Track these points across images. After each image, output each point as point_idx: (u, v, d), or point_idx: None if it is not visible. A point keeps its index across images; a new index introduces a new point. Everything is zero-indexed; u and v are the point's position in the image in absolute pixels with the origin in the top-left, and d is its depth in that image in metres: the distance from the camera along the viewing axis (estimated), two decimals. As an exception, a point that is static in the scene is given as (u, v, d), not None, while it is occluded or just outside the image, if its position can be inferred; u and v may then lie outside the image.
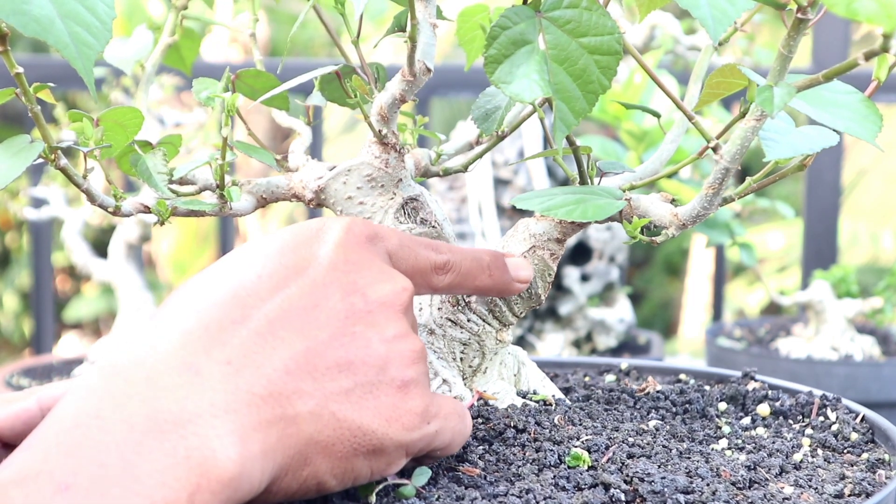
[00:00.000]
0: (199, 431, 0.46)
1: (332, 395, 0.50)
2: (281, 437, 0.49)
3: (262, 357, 0.50)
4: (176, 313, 0.51)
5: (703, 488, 0.56)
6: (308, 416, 0.50)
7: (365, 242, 0.55)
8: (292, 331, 0.51)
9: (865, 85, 0.61)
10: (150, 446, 0.45)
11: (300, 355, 0.50)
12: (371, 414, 0.51)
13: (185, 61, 0.85)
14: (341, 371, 0.51)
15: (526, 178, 1.58)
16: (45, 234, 2.16)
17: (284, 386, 0.49)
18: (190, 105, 1.97)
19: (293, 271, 0.53)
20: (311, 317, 0.51)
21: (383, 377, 0.52)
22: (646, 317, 4.13)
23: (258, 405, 0.48)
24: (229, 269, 0.53)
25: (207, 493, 0.45)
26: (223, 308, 0.51)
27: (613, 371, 0.84)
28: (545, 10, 0.60)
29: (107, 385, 0.47)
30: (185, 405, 0.47)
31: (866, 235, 3.89)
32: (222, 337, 0.50)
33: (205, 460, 0.45)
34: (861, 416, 0.70)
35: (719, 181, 0.62)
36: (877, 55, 0.49)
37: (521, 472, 0.59)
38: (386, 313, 0.53)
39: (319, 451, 0.50)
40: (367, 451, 0.51)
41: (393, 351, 0.53)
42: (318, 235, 0.55)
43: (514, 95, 0.59)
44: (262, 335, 0.50)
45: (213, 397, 0.47)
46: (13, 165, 0.60)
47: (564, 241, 0.70)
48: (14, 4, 0.52)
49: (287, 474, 0.50)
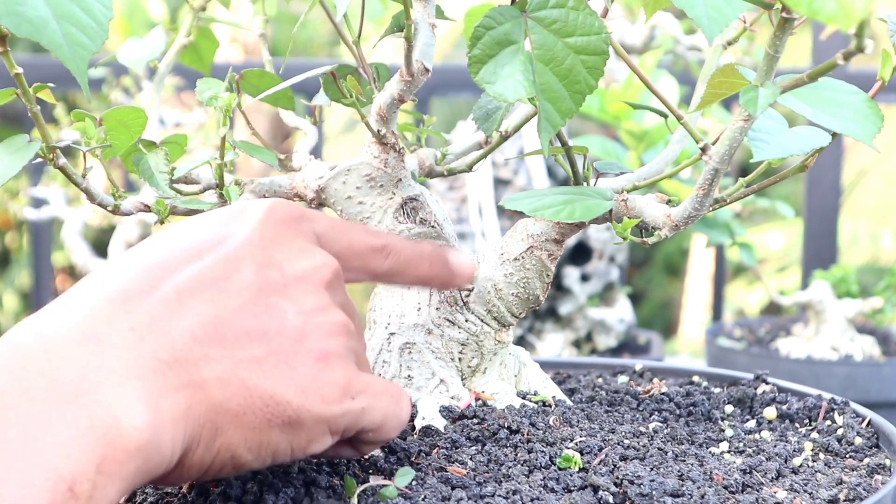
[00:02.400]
0: (101, 400, 0.45)
1: (242, 363, 0.49)
2: (190, 405, 0.47)
3: (167, 324, 0.48)
4: (84, 290, 0.50)
5: (692, 491, 0.56)
6: (216, 381, 0.48)
7: (288, 221, 0.54)
8: (201, 300, 0.50)
9: (868, 85, 0.61)
10: (52, 418, 0.44)
11: (208, 322, 0.49)
12: (285, 384, 0.50)
13: (204, 61, 0.85)
14: (252, 340, 0.50)
15: (526, 178, 1.57)
16: (45, 234, 2.16)
17: (191, 352, 0.48)
18: (190, 105, 1.97)
19: (208, 245, 0.52)
20: (221, 287, 0.50)
21: (299, 348, 0.51)
22: (646, 317, 4.12)
23: (164, 371, 0.47)
24: (146, 248, 0.52)
25: (115, 463, 0.44)
26: (131, 280, 0.50)
27: (627, 372, 0.83)
28: (531, 10, 0.60)
29: (7, 362, 0.46)
30: (87, 374, 0.45)
31: (866, 235, 3.89)
32: (126, 306, 0.48)
33: (110, 429, 0.44)
34: (868, 420, 0.70)
35: (709, 182, 0.62)
36: (853, 55, 0.49)
37: (511, 472, 0.59)
38: (304, 286, 0.52)
39: (230, 421, 0.49)
40: (282, 423, 0.50)
41: (311, 323, 0.51)
42: (240, 214, 0.54)
43: (497, 95, 0.59)
44: (168, 303, 0.49)
45: (115, 364, 0.46)
46: (11, 164, 0.60)
47: (563, 242, 0.70)
48: (8, 6, 0.52)
49: (199, 445, 0.48)
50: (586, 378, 0.81)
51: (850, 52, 0.50)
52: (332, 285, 0.54)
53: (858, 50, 0.49)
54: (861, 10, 0.47)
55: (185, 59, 0.84)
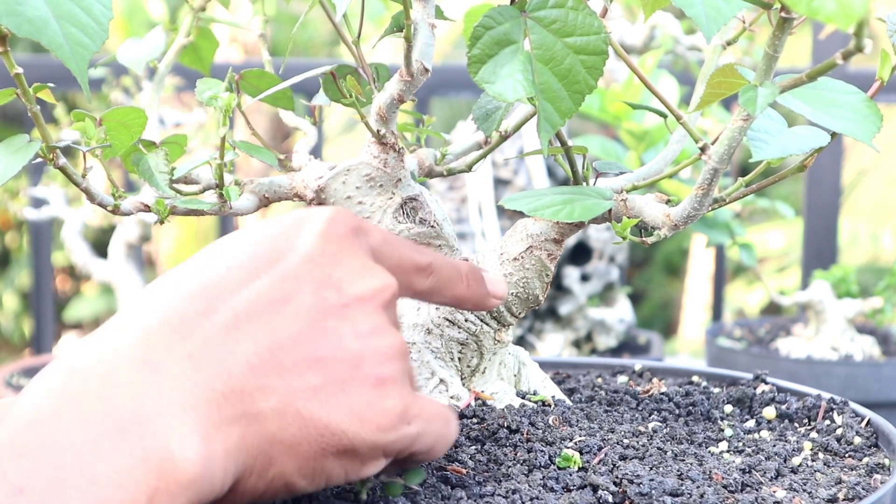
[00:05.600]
0: (157, 431, 0.44)
1: (299, 392, 0.48)
2: (244, 436, 0.47)
3: (224, 351, 0.47)
4: (140, 309, 0.48)
5: (692, 491, 0.56)
6: (271, 413, 0.47)
7: (348, 235, 0.52)
8: (258, 324, 0.48)
9: (867, 85, 0.61)
10: (107, 447, 0.43)
11: (265, 350, 0.48)
12: (342, 412, 0.48)
13: (204, 61, 0.85)
14: (310, 367, 0.48)
15: (526, 178, 1.57)
16: (45, 234, 2.16)
17: (247, 382, 0.47)
18: (190, 105, 1.97)
19: (266, 262, 0.50)
20: (279, 310, 0.49)
21: (356, 374, 0.49)
22: (646, 317, 4.13)
23: (219, 402, 0.46)
24: (202, 262, 0.50)
25: (166, 496, 0.43)
26: (187, 301, 0.48)
27: (627, 372, 0.83)
28: (530, 9, 0.60)
29: (63, 384, 0.45)
30: (143, 403, 0.44)
31: (866, 235, 3.89)
32: (183, 330, 0.47)
33: (163, 461, 0.44)
34: (867, 419, 0.70)
35: (708, 182, 0.62)
36: (852, 55, 0.49)
37: (511, 472, 0.59)
38: (363, 308, 0.50)
39: (285, 451, 0.48)
40: (336, 452, 0.49)
41: (368, 347, 0.50)
42: (299, 225, 0.52)
43: (497, 95, 0.59)
44: (226, 328, 0.47)
45: (171, 395, 0.45)
46: (10, 164, 0.60)
47: (562, 242, 0.70)
48: (8, 5, 0.53)
49: (252, 475, 0.48)
50: (586, 378, 0.81)
51: (849, 51, 0.50)
52: (389, 306, 0.52)
53: (857, 50, 0.49)
54: (860, 10, 0.47)
55: (185, 60, 0.84)
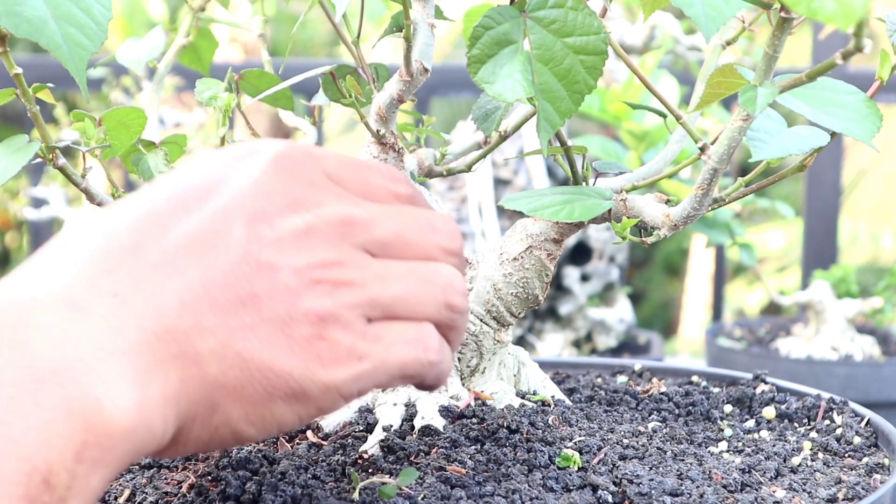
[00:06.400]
0: (79, 378, 0.40)
1: (236, 332, 0.44)
2: (183, 380, 0.43)
3: (153, 286, 0.43)
4: (64, 246, 0.44)
5: (691, 491, 0.56)
6: (210, 355, 0.43)
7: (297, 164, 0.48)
8: (188, 260, 0.44)
9: (867, 85, 0.61)
10: (24, 400, 0.39)
11: (197, 286, 0.43)
12: (284, 352, 0.44)
13: (203, 61, 0.85)
14: (244, 305, 0.44)
15: (526, 178, 1.57)
16: (45, 234, 2.16)
17: (180, 320, 0.43)
18: (190, 105, 1.97)
19: (197, 195, 0.46)
20: (210, 246, 0.44)
21: (295, 311, 0.45)
22: (646, 317, 4.13)
23: (151, 343, 0.42)
24: (143, 195, 0.46)
25: (97, 450, 0.39)
26: (116, 236, 0.44)
27: (627, 372, 0.83)
28: (530, 9, 0.60)
29: None
30: (64, 349, 0.40)
31: (866, 235, 3.89)
32: (108, 265, 0.43)
33: (90, 411, 0.39)
34: (867, 419, 0.70)
35: (708, 181, 0.62)
36: (852, 55, 0.49)
37: (511, 472, 0.59)
38: (301, 241, 0.46)
39: (228, 396, 0.44)
40: (285, 395, 0.45)
41: (306, 280, 0.45)
42: (246, 158, 0.48)
43: (496, 95, 0.59)
44: (153, 265, 0.43)
45: (96, 336, 0.41)
46: (10, 164, 0.60)
47: (562, 242, 0.70)
48: (7, 6, 0.53)
49: (195, 422, 0.44)
50: (585, 378, 0.81)
51: (848, 51, 0.50)
52: (344, 234, 0.47)
53: (857, 49, 0.49)
54: (860, 10, 0.47)
55: (185, 60, 0.84)
